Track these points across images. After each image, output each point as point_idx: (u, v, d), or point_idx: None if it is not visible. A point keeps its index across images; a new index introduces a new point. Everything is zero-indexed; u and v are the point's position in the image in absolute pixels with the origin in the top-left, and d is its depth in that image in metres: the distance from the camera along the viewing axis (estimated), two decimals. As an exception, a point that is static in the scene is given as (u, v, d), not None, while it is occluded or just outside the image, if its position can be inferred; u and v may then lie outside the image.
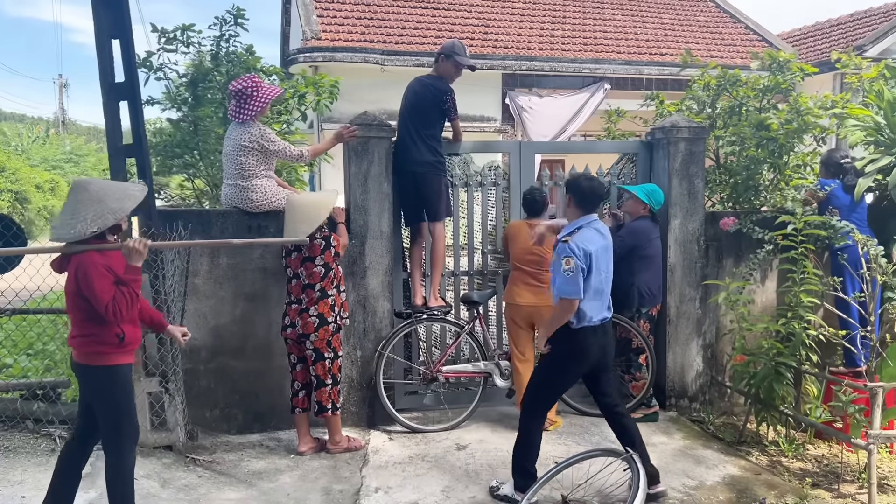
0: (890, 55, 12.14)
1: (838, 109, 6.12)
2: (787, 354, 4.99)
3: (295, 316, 4.76)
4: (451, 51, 5.40)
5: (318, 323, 4.74)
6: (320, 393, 4.80)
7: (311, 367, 4.79)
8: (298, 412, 4.87)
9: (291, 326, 4.76)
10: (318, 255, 4.75)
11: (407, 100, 5.39)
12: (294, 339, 4.80)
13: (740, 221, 5.67)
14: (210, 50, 6.02)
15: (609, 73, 12.41)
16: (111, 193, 3.42)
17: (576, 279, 3.91)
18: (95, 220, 3.31)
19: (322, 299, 4.77)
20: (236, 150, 4.86)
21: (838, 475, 4.74)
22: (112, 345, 3.40)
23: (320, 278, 4.76)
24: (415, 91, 5.37)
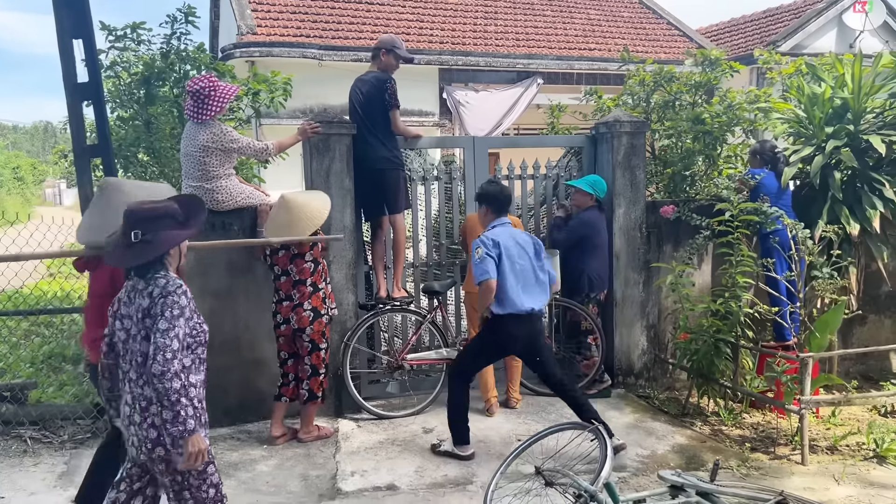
0: (801, 50, 12.99)
1: (762, 104, 6.61)
2: (725, 331, 5.42)
3: (288, 312, 4.86)
4: (392, 45, 5.56)
5: (313, 316, 4.87)
6: (314, 381, 4.94)
7: (306, 357, 4.90)
8: (284, 401, 5.01)
9: (286, 323, 4.87)
10: (308, 251, 4.87)
11: (356, 99, 5.51)
12: (288, 336, 4.91)
13: (679, 209, 6.07)
14: (161, 48, 6.00)
15: (541, 69, 12.78)
16: (145, 193, 3.37)
17: (484, 265, 4.43)
18: None
19: (314, 293, 4.89)
20: (198, 150, 4.88)
21: (773, 439, 5.19)
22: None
23: (310, 273, 4.88)
24: (361, 89, 5.49)
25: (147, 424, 2.72)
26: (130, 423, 2.78)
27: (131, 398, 2.76)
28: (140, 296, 2.74)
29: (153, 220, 2.79)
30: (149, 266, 2.76)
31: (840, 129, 5.93)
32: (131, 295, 2.79)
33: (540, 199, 6.31)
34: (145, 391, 2.71)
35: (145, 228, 2.77)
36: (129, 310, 2.78)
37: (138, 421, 2.73)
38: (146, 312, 2.71)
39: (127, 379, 2.79)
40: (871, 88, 5.92)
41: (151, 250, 2.75)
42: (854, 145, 5.95)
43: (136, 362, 2.73)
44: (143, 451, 2.72)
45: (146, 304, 2.71)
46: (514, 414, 5.57)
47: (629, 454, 4.87)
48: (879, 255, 5.95)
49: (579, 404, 4.70)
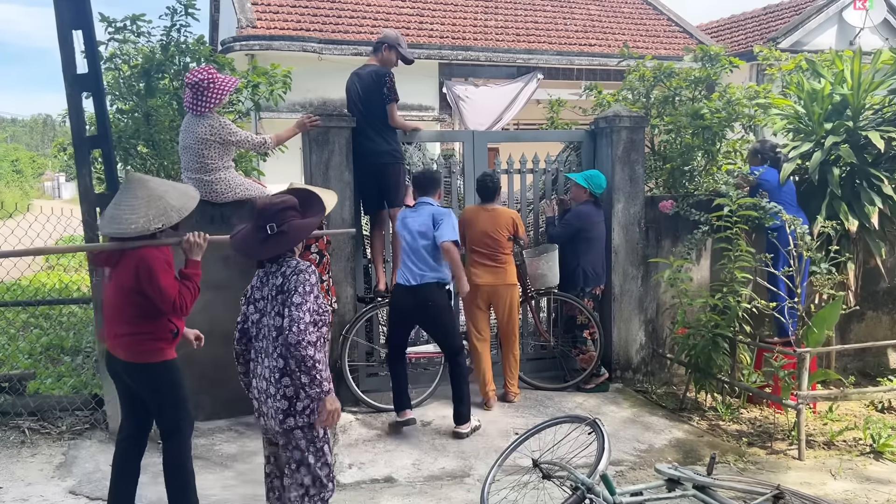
0: (801, 47, 12.99)
1: (762, 100, 6.61)
2: (723, 326, 5.43)
3: None
4: (396, 42, 5.55)
5: None
6: None
7: None
8: None
9: None
10: (313, 242, 4.86)
11: (353, 93, 5.49)
12: None
13: (678, 204, 6.08)
14: (160, 40, 5.98)
15: (541, 64, 12.78)
16: (171, 191, 3.48)
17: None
18: (159, 216, 3.34)
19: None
20: (197, 142, 4.89)
21: (770, 434, 5.21)
22: (166, 340, 3.46)
23: (316, 265, 4.88)
24: (359, 83, 5.47)
25: (280, 395, 2.94)
26: (267, 397, 2.99)
27: (268, 371, 2.98)
28: (273, 276, 2.98)
29: (283, 212, 3.02)
30: (285, 253, 3.02)
31: (839, 125, 5.93)
32: (264, 279, 3.05)
33: (539, 194, 6.31)
34: (279, 363, 2.93)
35: (279, 221, 2.99)
36: (262, 292, 3.03)
37: (273, 392, 2.96)
38: (279, 289, 2.94)
39: (263, 354, 3.02)
40: (871, 85, 5.93)
41: (288, 241, 3.01)
42: (853, 141, 5.96)
43: (272, 336, 2.95)
44: (276, 421, 2.94)
45: (279, 282, 2.95)
46: (511, 408, 5.58)
47: (626, 448, 4.89)
48: (877, 251, 5.95)
49: (458, 370, 5.05)
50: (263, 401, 3.03)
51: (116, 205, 3.40)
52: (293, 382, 2.92)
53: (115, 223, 3.32)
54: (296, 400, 2.93)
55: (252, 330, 3.12)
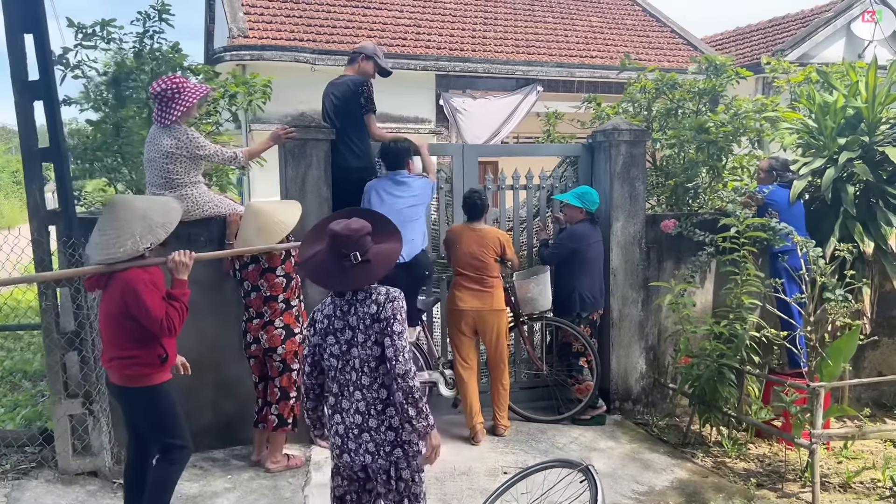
0: (808, 59, 12.64)
1: (770, 113, 6.24)
2: (730, 356, 5.03)
3: (258, 330, 4.53)
4: (373, 52, 5.30)
5: (285, 335, 4.54)
6: (284, 406, 4.60)
7: (276, 378, 4.56)
8: (262, 427, 4.68)
9: (256, 342, 4.54)
10: (279, 265, 4.54)
11: (328, 104, 5.18)
12: (259, 357, 4.57)
13: (681, 224, 5.70)
14: (133, 47, 5.65)
15: (541, 76, 12.44)
16: (153, 206, 3.47)
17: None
18: (146, 235, 3.33)
19: (287, 310, 4.58)
20: (161, 156, 4.54)
21: (781, 474, 4.80)
22: (153, 365, 3.39)
23: (283, 289, 4.55)
24: (335, 93, 5.16)
25: (385, 427, 2.81)
26: (362, 431, 2.82)
27: (364, 405, 2.82)
28: (364, 305, 2.81)
29: (364, 240, 2.84)
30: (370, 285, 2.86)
31: (853, 140, 5.56)
32: (346, 308, 2.85)
33: (533, 211, 5.94)
34: (380, 394, 2.80)
35: (362, 249, 2.82)
36: (348, 321, 2.83)
37: (374, 426, 2.81)
38: (374, 318, 2.79)
39: (357, 387, 2.83)
40: (887, 97, 5.56)
41: (376, 270, 2.83)
42: (868, 157, 5.59)
43: (370, 367, 2.80)
44: (381, 454, 2.80)
45: (373, 310, 2.80)
46: (501, 442, 5.18)
47: (624, 490, 4.49)
48: (894, 274, 5.56)
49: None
50: (356, 436, 2.84)
51: (101, 230, 3.36)
52: (397, 412, 2.80)
53: (104, 249, 3.30)
54: (401, 430, 2.82)
55: (333, 362, 2.88)
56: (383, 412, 2.82)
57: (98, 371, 4.30)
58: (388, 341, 2.76)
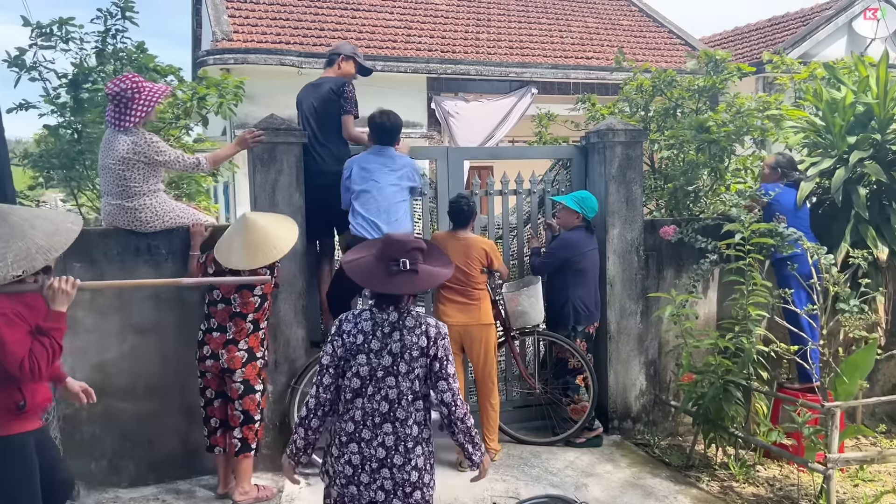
0: (808, 58, 12.27)
1: (773, 111, 5.88)
2: (736, 372, 4.66)
3: (219, 346, 4.14)
4: (353, 52, 5.00)
5: (247, 358, 4.18)
6: (247, 430, 4.22)
7: (237, 401, 4.18)
8: (219, 451, 4.26)
9: (213, 358, 4.14)
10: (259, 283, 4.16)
11: (307, 106, 4.84)
12: (215, 372, 4.18)
13: (681, 230, 5.34)
14: (94, 47, 5.30)
15: (536, 78, 12.10)
16: (41, 226, 2.83)
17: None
18: (19, 261, 2.71)
19: (254, 332, 4.21)
20: (117, 162, 4.18)
21: (793, 500, 4.43)
22: (11, 412, 2.77)
23: (255, 308, 4.19)
24: (314, 94, 4.85)
25: (410, 467, 2.69)
26: (382, 466, 2.67)
27: (393, 439, 2.67)
28: (411, 333, 2.69)
29: (415, 252, 2.76)
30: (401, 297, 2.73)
31: (864, 138, 5.20)
32: (384, 328, 2.71)
33: (524, 217, 5.58)
34: (412, 430, 2.69)
35: (412, 260, 2.73)
36: (384, 345, 2.69)
37: (399, 463, 2.67)
38: (423, 352, 2.69)
39: (386, 419, 2.68)
40: (900, 93, 5.20)
41: (418, 282, 2.74)
42: (880, 157, 5.24)
43: (407, 401, 2.68)
44: (399, 494, 2.67)
45: (423, 343, 2.69)
46: (492, 468, 4.77)
47: (623, 522, 4.11)
48: (911, 281, 5.20)
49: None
50: (373, 470, 2.67)
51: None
52: (424, 452, 2.73)
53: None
54: (425, 472, 2.73)
55: (356, 383, 2.70)
56: (412, 451, 2.70)
57: (46, 398, 3.92)
58: (445, 385, 2.69)
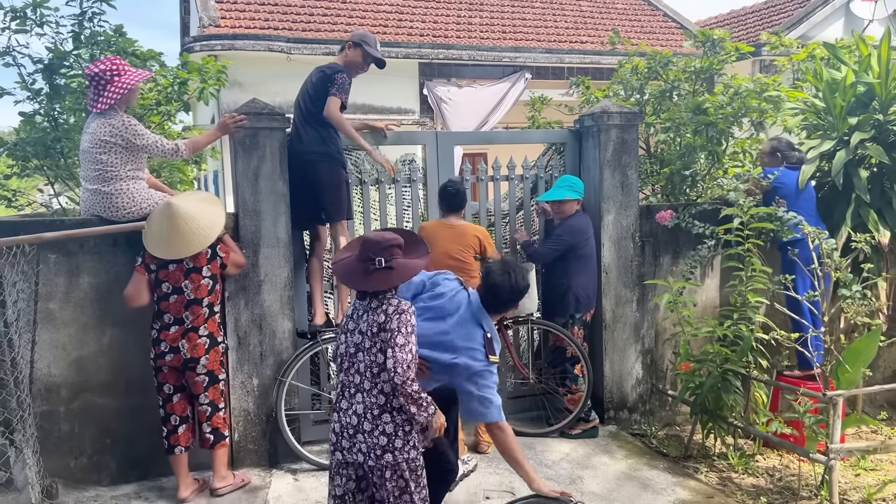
0: (806, 41, 12.09)
1: (772, 93, 5.72)
2: (734, 360, 4.53)
3: (178, 338, 4.00)
4: (361, 39, 4.73)
5: (209, 344, 4.07)
6: (217, 419, 4.13)
7: (202, 394, 4.08)
8: (179, 451, 4.11)
9: (173, 352, 4.00)
10: (205, 265, 4.06)
11: (306, 87, 4.68)
12: (176, 367, 4.04)
13: (678, 215, 5.20)
14: (70, 31, 5.12)
15: (529, 62, 11.91)
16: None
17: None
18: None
19: (211, 317, 4.09)
20: (95, 146, 4.03)
21: (794, 491, 4.31)
22: None
23: (208, 292, 4.08)
24: (312, 78, 4.67)
25: (378, 432, 2.94)
26: (357, 432, 2.97)
27: (362, 408, 2.97)
28: (374, 313, 2.98)
29: (391, 249, 3.05)
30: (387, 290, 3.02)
31: (866, 119, 5.06)
32: (361, 313, 3.03)
33: (517, 204, 5.43)
34: (378, 399, 2.95)
35: (388, 257, 3.02)
36: (360, 325, 3.02)
37: (369, 429, 2.95)
38: (381, 327, 2.95)
39: (358, 390, 2.99)
40: (903, 72, 5.05)
41: (394, 277, 3.02)
42: (882, 138, 5.10)
43: (372, 373, 2.97)
44: (372, 457, 2.94)
45: (381, 319, 2.95)
46: (484, 461, 4.67)
47: (620, 516, 3.99)
48: (913, 266, 5.07)
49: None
50: (350, 436, 3.00)
51: None
52: (393, 419, 2.94)
53: None
54: (395, 437, 2.94)
55: (341, 362, 3.10)
56: (379, 417, 2.95)
57: (20, 395, 3.78)
58: (390, 352, 2.89)
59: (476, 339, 3.38)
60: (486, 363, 3.37)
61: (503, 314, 3.76)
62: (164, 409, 4.13)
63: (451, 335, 3.38)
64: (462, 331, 3.39)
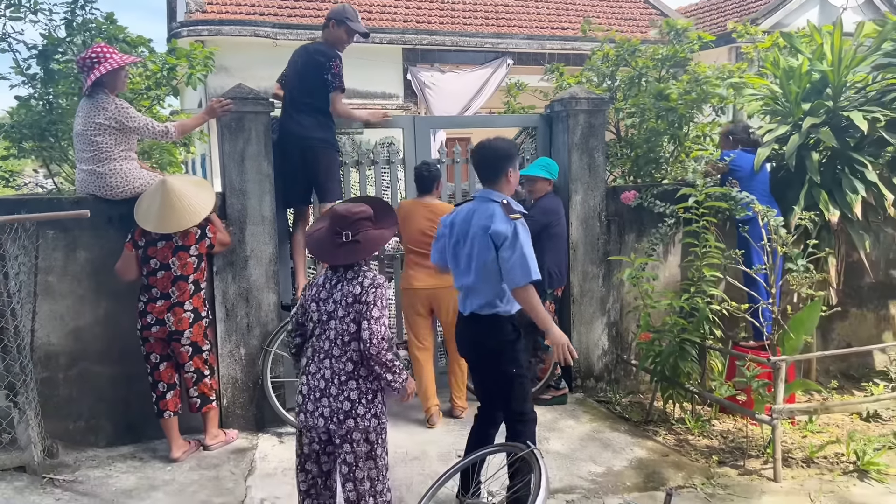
0: (782, 28, 12.41)
1: (736, 79, 6.03)
2: (691, 331, 4.87)
3: (164, 312, 4.29)
4: (342, 15, 4.94)
5: (194, 318, 4.37)
6: (202, 386, 4.46)
7: (187, 363, 4.40)
8: (168, 416, 4.42)
9: (159, 324, 4.29)
10: (193, 244, 4.33)
11: (291, 69, 4.93)
12: (162, 338, 4.33)
13: (641, 195, 5.51)
14: (63, 18, 5.34)
15: (511, 48, 12.17)
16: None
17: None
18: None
19: (196, 293, 4.38)
20: (89, 128, 4.30)
21: (743, 451, 4.66)
22: None
23: (194, 269, 4.36)
24: (300, 59, 4.91)
25: (343, 397, 3.04)
26: (322, 396, 3.06)
27: (330, 373, 3.05)
28: (350, 284, 3.07)
29: (360, 223, 3.13)
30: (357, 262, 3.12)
31: (818, 105, 5.37)
32: (334, 283, 3.12)
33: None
34: (346, 366, 3.05)
35: (355, 230, 3.11)
36: (333, 295, 3.09)
37: (335, 393, 3.05)
38: (356, 298, 3.04)
39: (328, 356, 3.08)
40: (853, 61, 5.35)
41: (361, 251, 3.11)
42: (834, 123, 5.40)
43: (342, 341, 3.05)
44: (334, 421, 3.03)
45: (357, 291, 3.05)
46: (458, 424, 5.00)
47: (581, 472, 4.33)
48: (861, 244, 5.40)
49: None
50: (316, 399, 3.08)
51: None
52: (358, 387, 3.05)
53: None
54: (358, 404, 3.04)
55: (310, 327, 3.18)
56: (345, 384, 3.04)
57: (22, 361, 4.06)
58: (365, 324, 2.99)
59: (496, 211, 3.44)
60: (511, 222, 3.40)
61: (506, 180, 3.61)
62: (152, 377, 4.43)
63: (474, 224, 3.50)
64: (481, 212, 3.51)
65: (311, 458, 3.19)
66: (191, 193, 4.27)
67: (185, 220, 4.21)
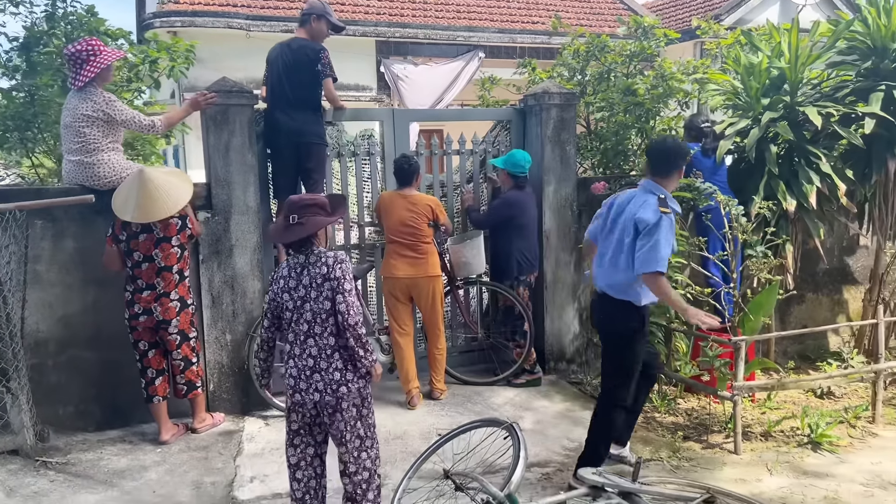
0: (744, 24, 12.78)
1: (699, 75, 6.31)
2: (657, 314, 5.13)
3: (150, 302, 4.43)
4: (323, 11, 5.16)
5: (180, 306, 4.51)
6: (189, 373, 4.61)
7: (174, 351, 4.53)
8: (157, 400, 4.57)
9: (146, 314, 4.43)
10: (174, 234, 4.45)
11: (281, 64, 5.05)
12: (150, 327, 4.47)
13: (610, 186, 5.76)
14: (44, 11, 5.41)
15: (483, 42, 12.36)
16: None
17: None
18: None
19: (181, 282, 4.52)
20: (78, 120, 4.40)
21: (707, 426, 4.95)
22: None
23: (177, 260, 4.49)
24: (289, 55, 5.04)
25: (332, 368, 3.25)
26: (314, 372, 3.24)
27: (316, 350, 3.25)
28: (315, 266, 3.28)
29: (306, 208, 3.32)
30: (302, 243, 3.30)
31: (776, 100, 5.66)
32: (299, 270, 3.31)
33: (467, 176, 5.93)
34: (329, 341, 3.25)
35: (301, 214, 3.30)
36: (301, 281, 3.28)
37: (324, 367, 3.25)
38: (325, 277, 3.24)
39: (309, 335, 3.26)
40: (809, 58, 5.65)
41: (304, 230, 3.29)
42: (791, 118, 5.69)
43: (321, 319, 3.25)
44: (329, 391, 3.23)
45: (324, 271, 3.25)
46: (437, 406, 5.22)
47: (555, 447, 4.57)
48: (816, 231, 5.72)
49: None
50: (308, 377, 3.25)
51: None
52: (342, 356, 3.25)
53: None
54: (346, 371, 3.25)
55: (288, 316, 3.32)
56: (332, 356, 3.25)
57: (14, 347, 4.17)
58: (340, 297, 3.21)
59: (650, 202, 3.74)
60: (659, 214, 3.67)
61: (673, 177, 3.91)
62: (140, 363, 4.56)
63: (628, 210, 3.84)
64: (638, 199, 3.81)
65: (300, 434, 3.37)
66: (169, 183, 4.37)
67: (164, 209, 4.30)
